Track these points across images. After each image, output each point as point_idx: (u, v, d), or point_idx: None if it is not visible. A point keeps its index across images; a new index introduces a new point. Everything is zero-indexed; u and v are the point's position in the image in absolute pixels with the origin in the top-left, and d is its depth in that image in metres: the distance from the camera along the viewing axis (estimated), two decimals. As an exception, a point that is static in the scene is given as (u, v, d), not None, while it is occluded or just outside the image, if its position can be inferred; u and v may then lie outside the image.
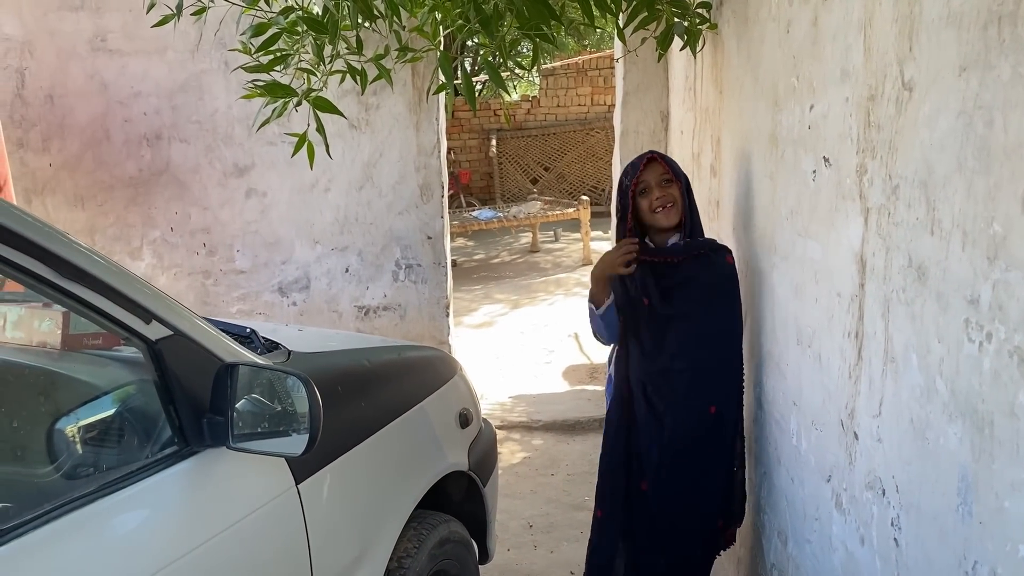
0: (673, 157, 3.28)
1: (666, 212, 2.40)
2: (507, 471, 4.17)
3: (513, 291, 8.91)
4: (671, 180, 2.42)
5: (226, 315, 4.43)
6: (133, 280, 1.43)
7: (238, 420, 1.52)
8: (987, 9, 1.11)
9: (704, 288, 2.39)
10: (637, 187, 2.43)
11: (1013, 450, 1.08)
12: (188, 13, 2.74)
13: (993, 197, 1.11)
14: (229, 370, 1.50)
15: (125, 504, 1.36)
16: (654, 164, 2.43)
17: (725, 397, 2.40)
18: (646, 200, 2.42)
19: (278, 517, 1.61)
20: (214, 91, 4.31)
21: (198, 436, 1.49)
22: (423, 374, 2.31)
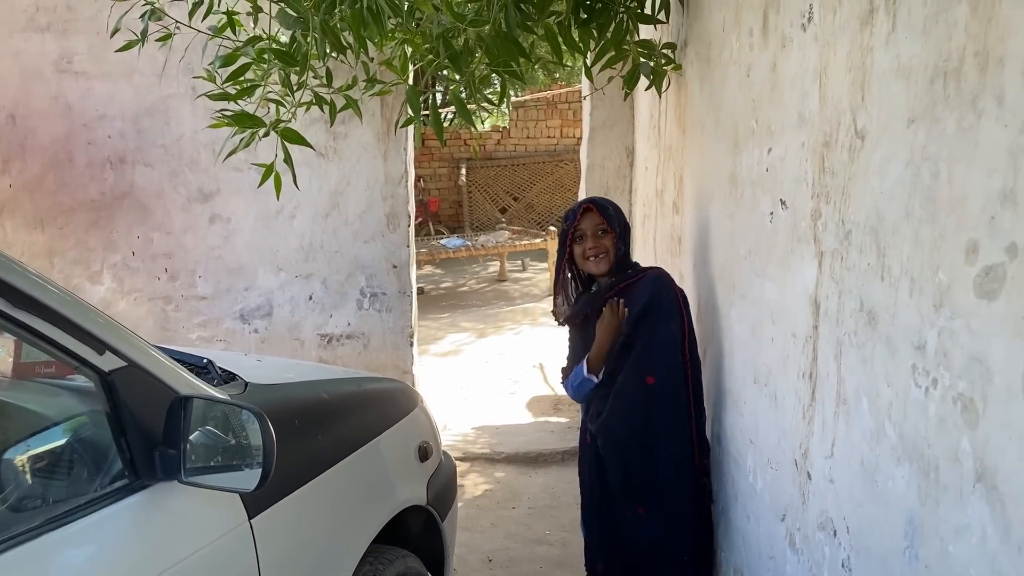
0: (638, 192, 3.33)
1: (596, 261, 2.51)
2: (468, 504, 4.14)
3: (480, 320, 8.91)
4: (606, 231, 2.50)
5: (186, 341, 4.38)
6: (87, 309, 1.41)
7: (191, 453, 1.49)
8: (934, 64, 1.15)
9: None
10: (574, 234, 2.53)
11: (957, 495, 1.10)
12: (154, 39, 2.73)
13: (938, 246, 1.14)
14: (183, 402, 1.49)
15: (73, 539, 1.33)
16: (591, 213, 2.51)
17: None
18: (580, 247, 2.53)
19: (230, 553, 1.58)
20: (181, 116, 4.29)
21: (150, 469, 1.46)
22: (382, 407, 2.30)
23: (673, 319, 2.41)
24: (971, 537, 1.07)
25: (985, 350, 1.03)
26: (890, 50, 1.29)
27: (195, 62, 3.78)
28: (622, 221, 2.55)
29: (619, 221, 2.53)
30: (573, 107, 14.13)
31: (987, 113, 1.02)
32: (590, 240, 2.50)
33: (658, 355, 2.39)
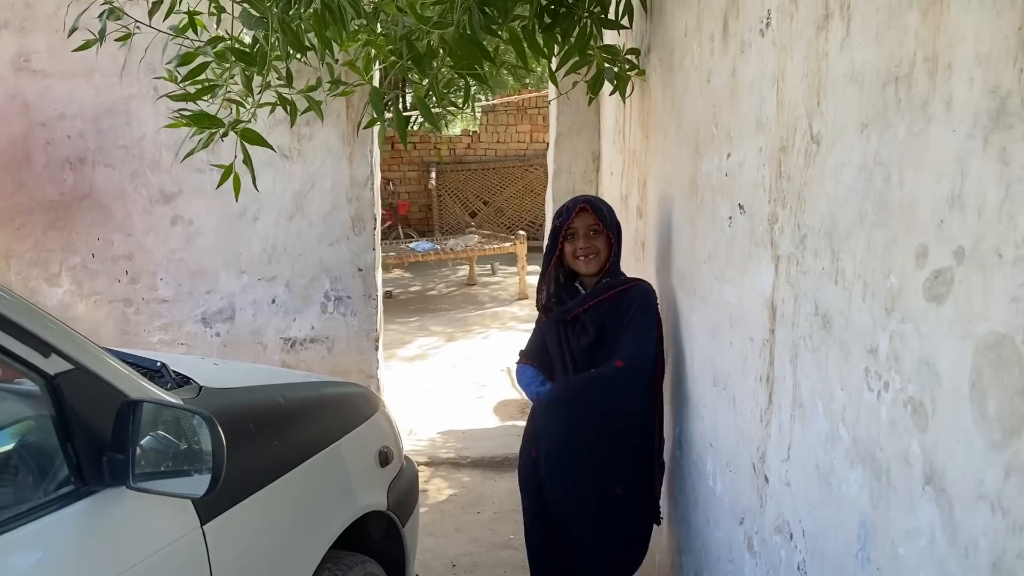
0: (604, 197, 3.33)
1: (587, 261, 2.49)
2: (432, 509, 4.12)
3: (448, 324, 8.87)
4: (599, 231, 2.49)
5: (147, 345, 4.31)
6: (32, 312, 1.37)
7: (140, 459, 1.46)
8: (886, 70, 1.16)
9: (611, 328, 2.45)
10: (566, 232, 2.50)
11: (907, 498, 1.11)
12: (113, 39, 2.68)
13: (890, 251, 1.14)
14: (132, 407, 1.45)
15: (16, 545, 1.30)
16: (585, 213, 2.49)
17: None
18: (571, 246, 2.50)
19: (181, 560, 1.55)
20: (142, 116, 4.22)
21: (97, 475, 1.43)
22: (342, 411, 2.27)
23: (654, 329, 2.44)
24: (920, 539, 1.08)
25: (934, 353, 1.03)
26: (844, 55, 1.30)
27: (157, 62, 3.72)
28: (615, 223, 2.55)
29: (612, 223, 2.53)
30: (543, 112, 14.15)
31: (936, 118, 1.03)
32: (582, 240, 2.49)
33: (632, 346, 2.40)
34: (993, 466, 0.91)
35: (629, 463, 2.43)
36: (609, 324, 2.43)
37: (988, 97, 0.91)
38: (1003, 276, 0.88)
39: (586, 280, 2.56)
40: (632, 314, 2.42)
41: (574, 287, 2.58)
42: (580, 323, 2.48)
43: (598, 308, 2.45)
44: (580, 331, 2.48)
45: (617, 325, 2.42)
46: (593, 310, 2.46)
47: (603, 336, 2.43)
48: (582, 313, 2.47)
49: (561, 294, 2.57)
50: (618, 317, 2.42)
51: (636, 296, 2.46)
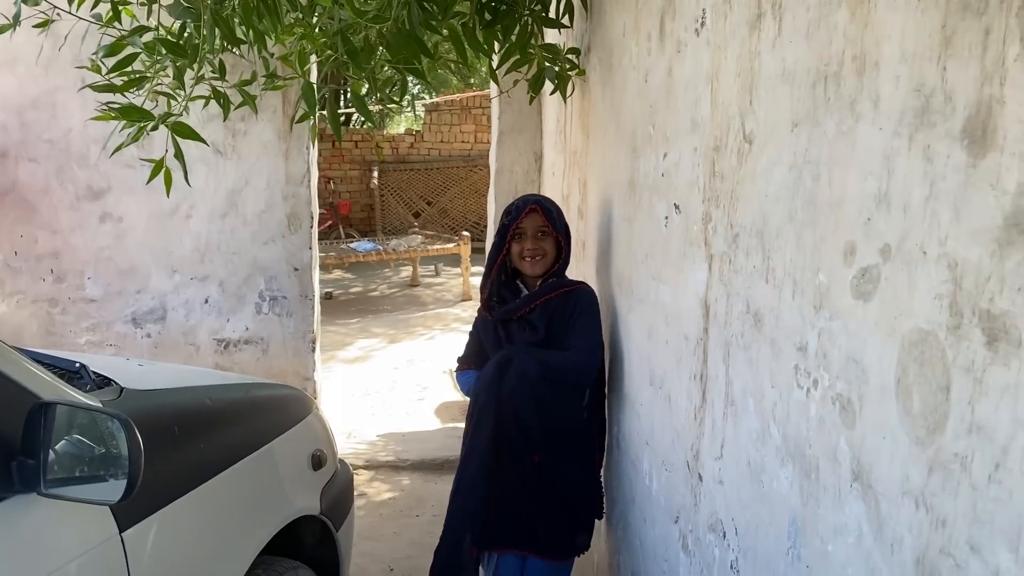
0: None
1: (533, 263, 2.47)
2: (371, 512, 4.06)
3: (391, 325, 8.79)
4: (547, 232, 2.47)
5: (74, 346, 4.16)
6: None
7: (53, 463, 1.40)
8: (815, 68, 1.16)
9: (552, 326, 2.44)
10: (514, 231, 2.47)
11: (836, 495, 1.11)
12: (31, 25, 2.57)
13: (819, 248, 1.15)
14: (44, 409, 1.38)
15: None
16: (535, 213, 2.47)
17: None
18: (519, 246, 2.48)
19: (97, 569, 1.48)
20: (69, 109, 4.08)
21: (6, 481, 1.36)
22: (273, 413, 2.22)
23: (599, 331, 2.46)
24: (848, 536, 1.08)
25: (861, 350, 1.04)
26: (776, 54, 1.30)
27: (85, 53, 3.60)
28: (564, 225, 2.53)
29: (562, 225, 2.51)
30: (487, 112, 14.13)
31: (864, 116, 1.03)
32: (530, 240, 2.46)
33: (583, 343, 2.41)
34: (917, 462, 0.91)
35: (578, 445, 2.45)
36: (556, 322, 2.42)
37: (913, 95, 0.92)
38: (927, 273, 0.89)
39: (529, 280, 2.54)
40: (578, 315, 2.43)
41: (515, 286, 2.56)
42: (527, 322, 2.46)
43: (545, 307, 2.44)
44: (528, 330, 2.46)
45: (563, 324, 2.42)
46: (540, 309, 2.44)
47: (550, 334, 2.41)
48: (528, 312, 2.45)
49: (503, 293, 2.54)
50: (564, 316, 2.42)
51: (581, 298, 2.46)
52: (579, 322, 2.42)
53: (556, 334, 2.42)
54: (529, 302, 2.46)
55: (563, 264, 2.51)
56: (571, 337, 2.42)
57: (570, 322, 2.42)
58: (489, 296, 2.55)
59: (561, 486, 2.43)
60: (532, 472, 2.41)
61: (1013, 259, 0.75)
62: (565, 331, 2.42)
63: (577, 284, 2.51)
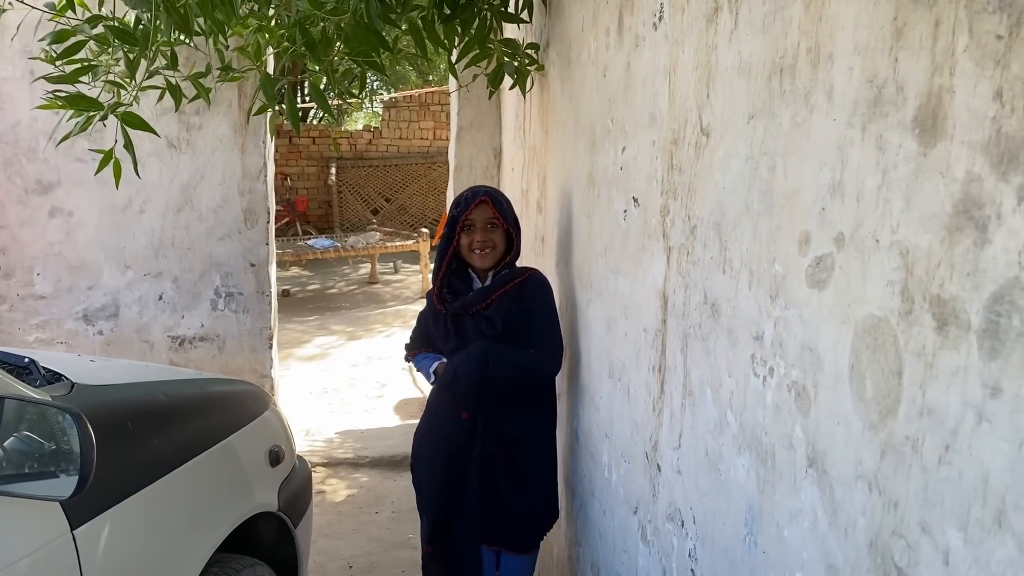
0: (505, 193, 3.32)
1: (482, 255, 2.45)
2: (329, 510, 4.02)
3: (349, 323, 8.72)
4: (497, 224, 2.45)
5: (23, 344, 4.06)
6: None
7: (2, 459, 1.36)
8: (771, 61, 1.18)
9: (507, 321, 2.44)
10: (463, 223, 2.45)
11: (791, 481, 1.13)
12: (-24, 12, 2.50)
13: (775, 239, 1.16)
14: (-9, 404, 1.35)
15: None
16: (485, 205, 2.45)
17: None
18: (468, 238, 2.45)
19: (47, 567, 1.45)
20: (16, 101, 3.97)
21: (-49, 479, 1.32)
22: (228, 409, 2.18)
23: (558, 324, 2.47)
24: (804, 521, 1.10)
25: (815, 338, 1.06)
26: (733, 47, 1.31)
27: (33, 43, 3.51)
28: (514, 218, 2.51)
29: (512, 217, 2.50)
30: (446, 109, 14.09)
31: (818, 108, 1.05)
32: (479, 232, 2.43)
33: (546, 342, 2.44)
34: (870, 446, 0.93)
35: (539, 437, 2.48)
36: (514, 315, 2.42)
37: (866, 86, 0.94)
38: (879, 260, 0.91)
39: (479, 271, 2.52)
40: (536, 306, 2.43)
41: (467, 275, 2.53)
42: (483, 317, 2.44)
43: (502, 300, 2.43)
44: (486, 325, 2.44)
45: (522, 317, 2.41)
46: (497, 303, 2.43)
47: (508, 327, 2.41)
48: (484, 308, 2.44)
49: (454, 283, 2.51)
50: (521, 308, 2.42)
51: (535, 287, 2.46)
52: (540, 318, 2.42)
53: (515, 327, 2.41)
54: (485, 297, 2.44)
55: (514, 256, 2.50)
56: (535, 334, 2.42)
57: (531, 316, 2.42)
58: (440, 288, 2.52)
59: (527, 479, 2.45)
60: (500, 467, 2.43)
61: (962, 245, 0.77)
62: (526, 325, 2.41)
63: (527, 272, 2.50)
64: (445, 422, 2.49)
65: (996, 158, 0.72)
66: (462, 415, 2.43)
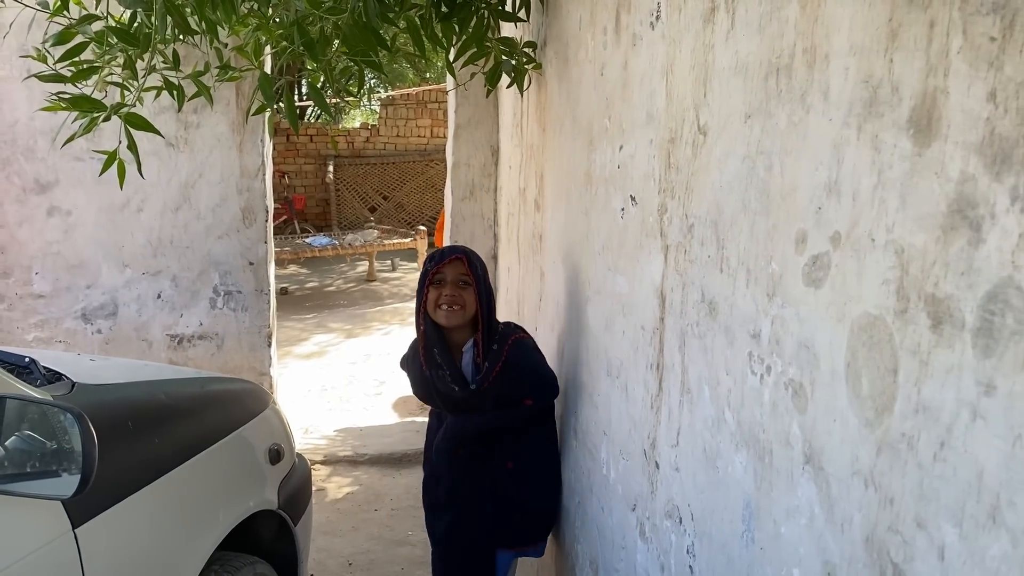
0: (503, 191, 3.33)
1: (449, 312, 2.33)
2: (328, 507, 4.03)
3: (347, 320, 8.73)
4: (468, 283, 2.34)
5: (21, 343, 4.06)
6: None
7: (4, 459, 1.37)
8: (768, 60, 1.19)
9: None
10: (434, 277, 2.36)
11: (788, 478, 1.14)
12: (-26, 12, 2.50)
13: (771, 237, 1.17)
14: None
15: None
16: (458, 262, 2.35)
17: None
18: (436, 292, 2.34)
19: (50, 566, 1.46)
20: (14, 100, 3.97)
21: (-48, 478, 1.33)
22: (229, 408, 2.19)
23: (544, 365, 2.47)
24: (800, 517, 1.11)
25: (812, 336, 1.06)
26: (730, 47, 1.32)
27: (31, 42, 3.51)
28: (487, 282, 2.39)
29: (484, 279, 2.37)
30: (443, 107, 14.09)
31: (814, 108, 1.06)
32: (448, 287, 2.32)
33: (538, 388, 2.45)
34: (866, 443, 0.94)
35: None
36: (504, 396, 2.38)
37: (862, 86, 0.95)
38: (875, 259, 0.92)
39: (454, 336, 2.40)
40: (520, 365, 2.39)
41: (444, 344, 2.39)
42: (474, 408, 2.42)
43: (492, 386, 2.36)
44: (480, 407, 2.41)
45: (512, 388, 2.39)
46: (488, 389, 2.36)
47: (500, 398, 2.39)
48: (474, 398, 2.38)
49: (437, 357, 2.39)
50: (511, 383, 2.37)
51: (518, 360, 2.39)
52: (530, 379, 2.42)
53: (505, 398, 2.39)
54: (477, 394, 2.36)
55: (487, 325, 2.37)
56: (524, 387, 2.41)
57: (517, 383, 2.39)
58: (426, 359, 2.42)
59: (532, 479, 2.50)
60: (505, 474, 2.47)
61: (956, 244, 0.78)
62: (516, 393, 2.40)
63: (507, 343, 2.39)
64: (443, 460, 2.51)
65: (990, 158, 0.73)
66: (457, 451, 2.47)
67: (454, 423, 2.46)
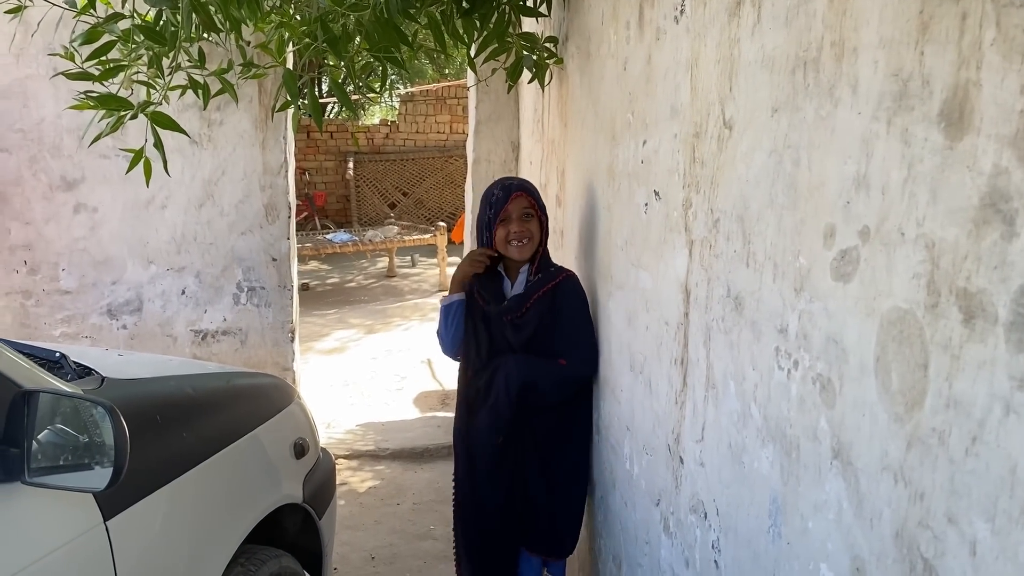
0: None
1: (520, 247, 2.43)
2: (351, 501, 4.06)
3: (368, 316, 8.77)
4: (532, 214, 2.43)
5: (48, 338, 4.11)
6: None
7: (37, 452, 1.39)
8: (795, 54, 1.18)
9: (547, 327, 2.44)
10: (499, 216, 2.43)
11: (816, 472, 1.14)
12: (2, 11, 2.54)
13: (799, 231, 1.17)
14: (27, 397, 1.38)
15: None
16: (520, 197, 2.43)
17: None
18: (504, 230, 2.43)
19: (82, 558, 1.48)
20: (41, 98, 4.02)
21: (-12, 470, 1.35)
22: (254, 402, 2.21)
23: (592, 331, 2.45)
24: (828, 512, 1.11)
25: (840, 331, 1.06)
26: (756, 41, 1.32)
27: (58, 41, 3.55)
28: (544, 206, 2.49)
29: (543, 206, 2.48)
30: (462, 103, 14.11)
31: (843, 101, 1.05)
32: (515, 223, 2.41)
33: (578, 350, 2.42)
34: (896, 438, 0.94)
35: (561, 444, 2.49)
36: (545, 322, 2.41)
37: (891, 80, 0.94)
38: (905, 253, 0.91)
39: (511, 266, 2.50)
40: (565, 312, 2.41)
41: (498, 274, 2.52)
42: (515, 325, 2.44)
43: (536, 306, 2.41)
44: (513, 332, 2.44)
45: (553, 320, 2.40)
46: (532, 309, 2.41)
47: (538, 333, 2.41)
48: (520, 316, 2.43)
49: (486, 284, 2.50)
50: (553, 312, 2.40)
51: (568, 293, 2.43)
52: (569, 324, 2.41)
53: (542, 335, 2.41)
54: (522, 304, 2.42)
55: (544, 251, 2.48)
56: (561, 339, 2.41)
57: (559, 322, 2.40)
58: (475, 289, 2.51)
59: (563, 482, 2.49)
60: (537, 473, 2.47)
61: (989, 238, 0.77)
62: (553, 331, 2.41)
63: (560, 276, 2.47)
64: (483, 450, 2.48)
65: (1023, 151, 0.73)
66: (497, 441, 2.44)
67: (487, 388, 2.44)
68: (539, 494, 2.46)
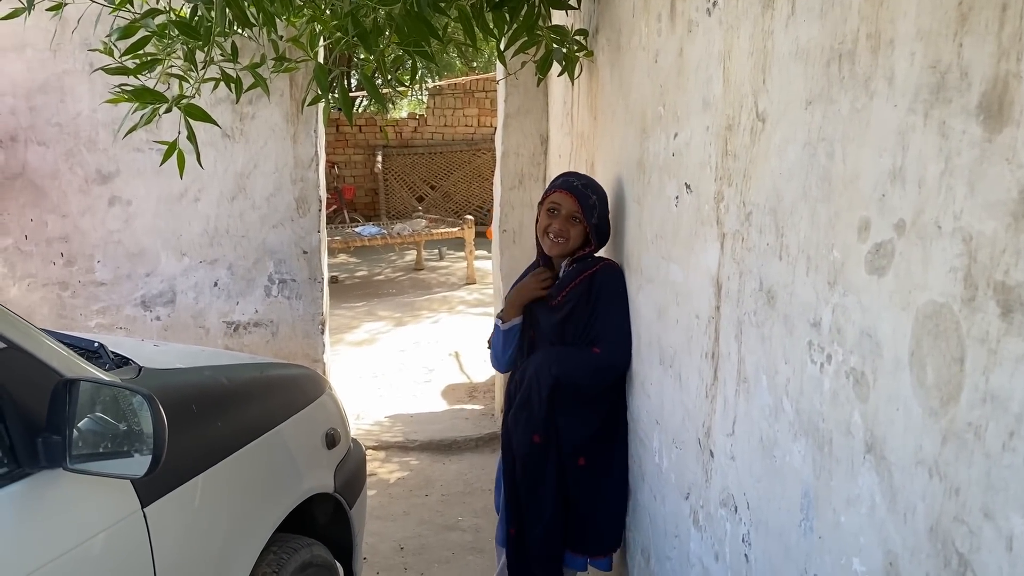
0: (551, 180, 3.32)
1: (552, 243, 2.47)
2: (380, 492, 4.10)
3: (396, 308, 8.82)
4: (579, 220, 2.44)
5: (84, 329, 4.18)
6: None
7: (78, 440, 1.42)
8: (830, 47, 1.17)
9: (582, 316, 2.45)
10: (549, 203, 2.48)
11: (849, 467, 1.14)
12: (44, 8, 2.58)
13: (833, 225, 1.16)
14: (68, 386, 1.41)
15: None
16: (563, 195, 2.45)
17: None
18: (547, 220, 2.48)
19: (120, 543, 1.51)
20: (77, 93, 4.08)
21: (31, 456, 1.38)
22: (287, 393, 2.24)
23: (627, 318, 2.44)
24: (861, 507, 1.10)
25: (874, 325, 1.06)
26: (789, 33, 1.31)
27: (93, 36, 3.61)
28: (598, 219, 2.46)
29: (600, 214, 2.46)
30: (490, 96, 14.10)
31: (879, 94, 1.05)
32: (559, 220, 2.44)
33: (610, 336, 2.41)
34: (931, 432, 0.93)
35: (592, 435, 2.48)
36: (579, 309, 2.42)
37: (928, 72, 0.93)
38: (942, 247, 0.90)
39: (556, 260, 2.55)
40: (601, 299, 2.42)
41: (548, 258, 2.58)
42: (551, 309, 2.48)
43: (572, 293, 2.43)
44: (547, 316, 2.48)
45: (589, 307, 2.42)
46: (569, 295, 2.44)
47: (572, 315, 2.43)
48: (560, 301, 2.45)
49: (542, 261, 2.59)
50: (586, 298, 2.42)
51: (604, 280, 2.44)
52: (603, 311, 2.41)
53: (575, 321, 2.42)
54: (561, 290, 2.46)
55: (589, 252, 2.49)
56: (595, 326, 2.41)
57: (596, 308, 2.41)
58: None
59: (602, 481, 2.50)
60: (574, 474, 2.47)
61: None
62: (587, 318, 2.42)
63: (599, 264, 2.48)
64: (520, 447, 2.50)
65: (1065, 144, 0.72)
66: (534, 439, 2.45)
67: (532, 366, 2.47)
68: (581, 495, 2.47)
